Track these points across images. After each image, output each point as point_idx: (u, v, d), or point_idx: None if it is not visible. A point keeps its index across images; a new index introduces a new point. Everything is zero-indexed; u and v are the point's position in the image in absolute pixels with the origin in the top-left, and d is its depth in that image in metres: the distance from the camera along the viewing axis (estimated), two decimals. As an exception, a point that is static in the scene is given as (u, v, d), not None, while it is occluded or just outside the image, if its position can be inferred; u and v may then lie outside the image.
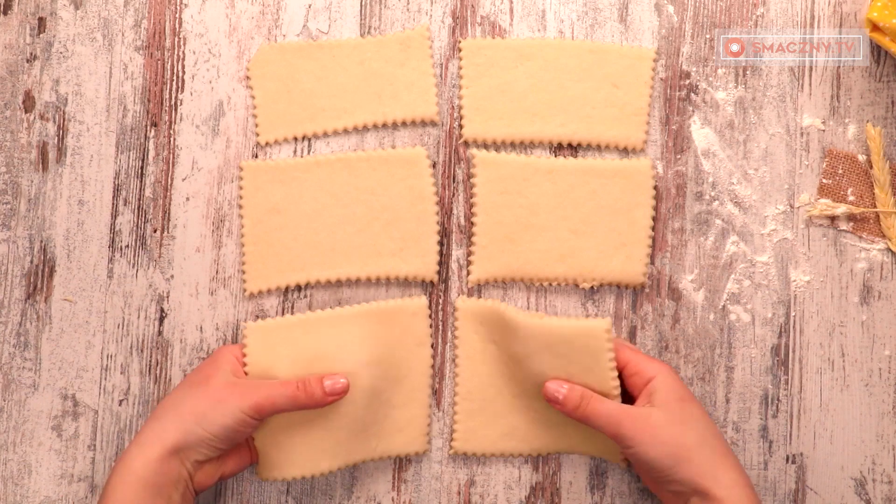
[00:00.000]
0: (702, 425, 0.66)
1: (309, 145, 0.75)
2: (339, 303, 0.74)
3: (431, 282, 0.74)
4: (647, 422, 0.64)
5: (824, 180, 0.74)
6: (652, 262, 0.74)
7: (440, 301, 0.74)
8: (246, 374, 0.69)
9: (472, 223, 0.73)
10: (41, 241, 0.74)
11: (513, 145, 0.74)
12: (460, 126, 0.74)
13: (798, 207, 0.74)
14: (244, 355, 0.69)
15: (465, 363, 0.72)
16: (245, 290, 0.74)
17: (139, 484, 0.63)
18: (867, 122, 0.74)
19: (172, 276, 0.74)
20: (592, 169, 0.73)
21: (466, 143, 0.74)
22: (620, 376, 0.68)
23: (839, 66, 0.74)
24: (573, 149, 0.74)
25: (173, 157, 0.75)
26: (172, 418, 0.65)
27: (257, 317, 0.73)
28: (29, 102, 0.75)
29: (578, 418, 0.66)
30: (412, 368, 0.72)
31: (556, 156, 0.74)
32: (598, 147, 0.74)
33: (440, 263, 0.74)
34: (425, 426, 0.72)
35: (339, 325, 0.70)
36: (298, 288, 0.74)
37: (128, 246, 0.74)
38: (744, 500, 0.63)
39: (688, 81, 0.74)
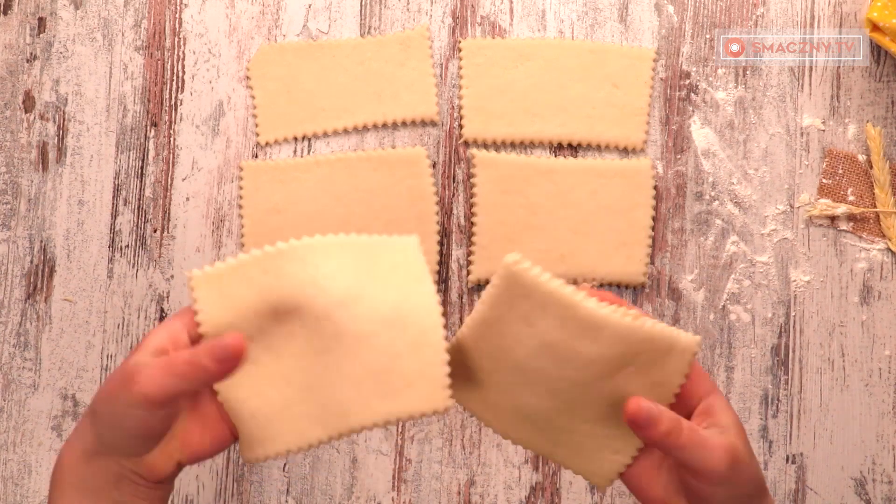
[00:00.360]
0: (754, 461, 0.55)
1: (309, 145, 0.75)
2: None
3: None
4: (734, 457, 0.52)
5: (824, 180, 0.74)
6: (652, 262, 0.74)
7: (440, 301, 0.74)
8: (200, 335, 0.53)
9: (472, 223, 0.73)
10: (41, 241, 0.74)
11: (513, 145, 0.74)
12: (460, 126, 0.74)
13: (798, 207, 0.74)
14: (195, 312, 0.53)
15: (476, 326, 0.56)
16: None
17: (72, 488, 0.54)
18: (867, 122, 0.74)
19: (172, 276, 0.74)
20: (592, 169, 0.73)
21: (466, 143, 0.74)
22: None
23: (839, 66, 0.74)
24: (573, 149, 0.74)
25: (173, 157, 0.75)
26: (90, 416, 0.54)
27: None
28: (29, 102, 0.75)
29: (664, 445, 0.52)
30: (415, 308, 0.54)
31: (556, 156, 0.74)
32: (598, 147, 0.74)
33: (440, 263, 0.74)
34: (442, 377, 0.53)
35: (304, 259, 0.54)
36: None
37: (128, 246, 0.74)
38: None
39: (688, 81, 0.74)
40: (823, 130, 0.74)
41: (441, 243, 0.74)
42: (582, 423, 0.55)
